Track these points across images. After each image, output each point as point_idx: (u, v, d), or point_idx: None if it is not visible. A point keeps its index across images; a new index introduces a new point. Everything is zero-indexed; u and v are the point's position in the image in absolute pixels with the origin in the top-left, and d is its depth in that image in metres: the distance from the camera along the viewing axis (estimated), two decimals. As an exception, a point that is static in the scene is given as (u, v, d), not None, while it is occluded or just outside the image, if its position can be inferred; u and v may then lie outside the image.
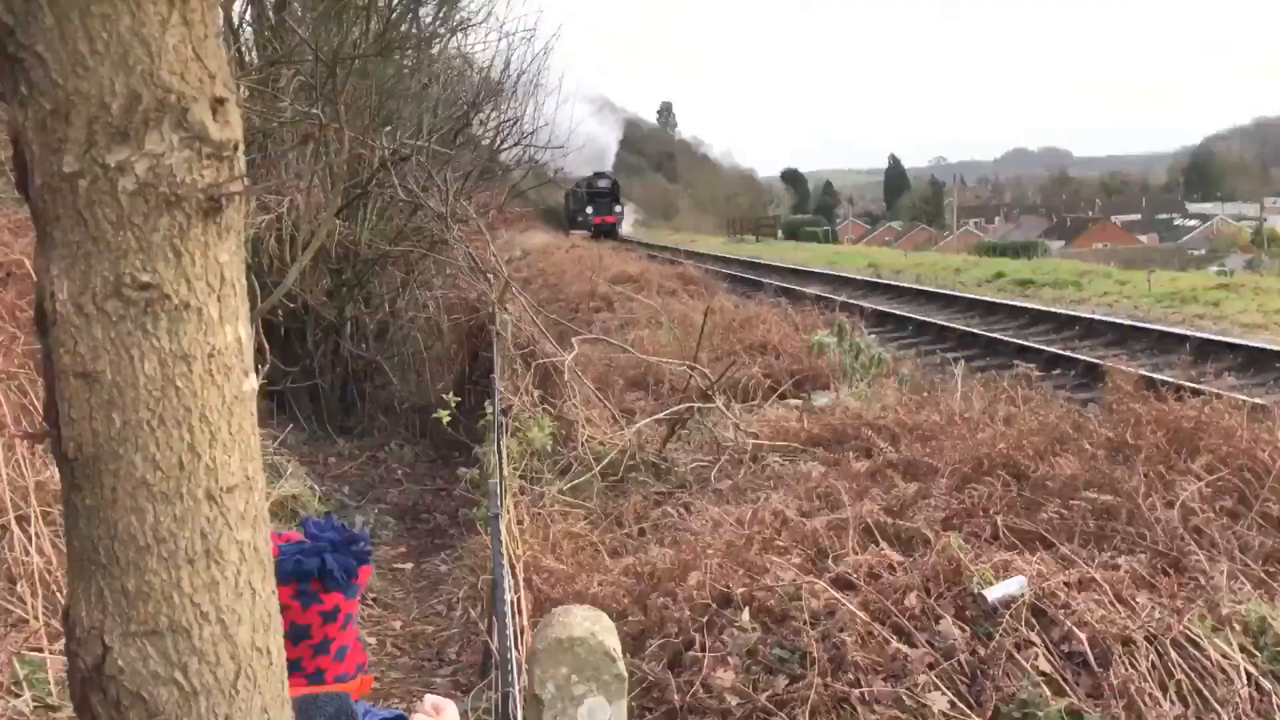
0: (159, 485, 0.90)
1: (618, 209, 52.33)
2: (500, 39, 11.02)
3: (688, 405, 7.56)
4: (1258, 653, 3.56)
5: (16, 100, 0.87)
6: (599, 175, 53.98)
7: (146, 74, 0.85)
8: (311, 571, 1.70)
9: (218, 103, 0.88)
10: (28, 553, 4.20)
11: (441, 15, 11.42)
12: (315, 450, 8.72)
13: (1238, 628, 3.65)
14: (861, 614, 3.84)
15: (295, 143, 7.81)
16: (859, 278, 22.63)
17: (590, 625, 1.29)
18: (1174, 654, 3.54)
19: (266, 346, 6.97)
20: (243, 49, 9.61)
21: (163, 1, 0.84)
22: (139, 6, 0.84)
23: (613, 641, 1.31)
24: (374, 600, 6.05)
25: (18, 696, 3.81)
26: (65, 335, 0.88)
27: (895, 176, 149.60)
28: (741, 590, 4.19)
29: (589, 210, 50.74)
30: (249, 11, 9.73)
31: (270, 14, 9.38)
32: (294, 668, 1.71)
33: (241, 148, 0.91)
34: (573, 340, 8.00)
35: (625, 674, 1.30)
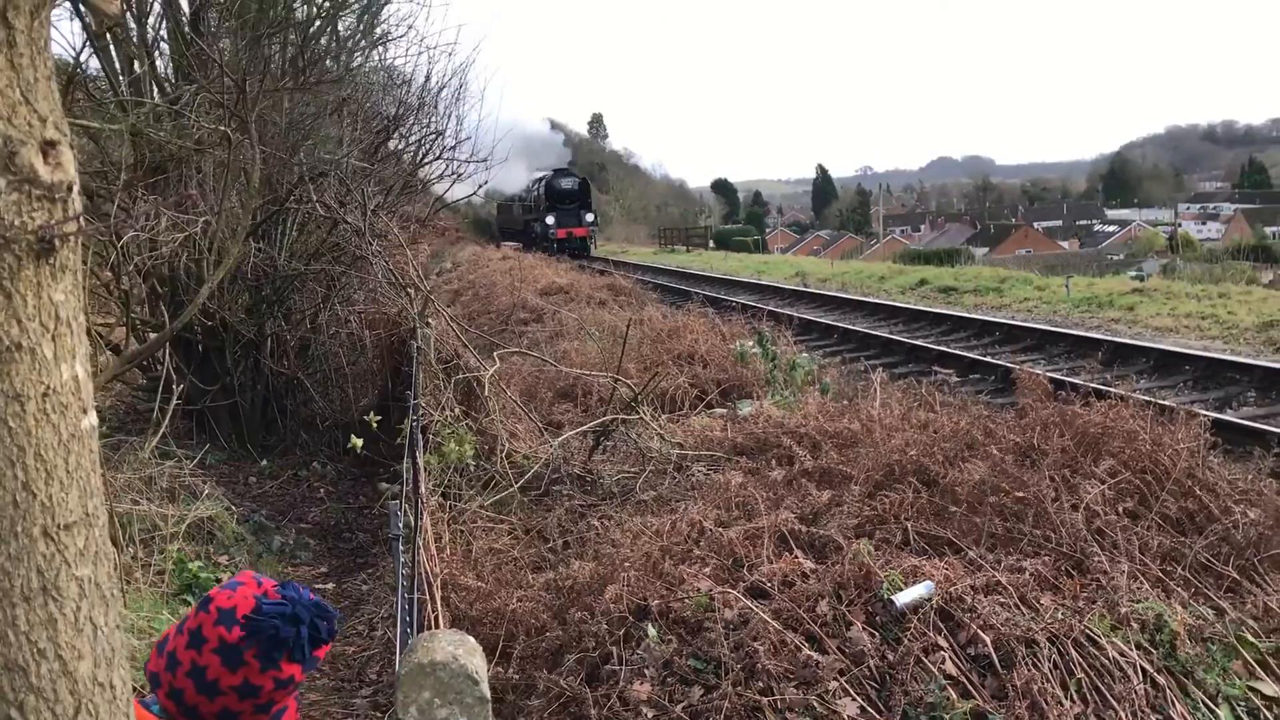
0: (-8, 524, 0.90)
1: (589, 218, 39.90)
2: (421, 53, 10.96)
3: (613, 417, 7.59)
4: (1154, 650, 3.67)
5: None
6: (562, 173, 41.89)
7: (-30, 118, 0.85)
8: (286, 641, 1.71)
9: (48, 145, 0.89)
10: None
11: (362, 29, 11.35)
12: (235, 470, 8.60)
13: (1135, 626, 3.76)
14: (774, 622, 3.89)
15: (209, 162, 7.71)
16: (786, 287, 22.87)
17: (453, 649, 1.31)
18: (1075, 653, 3.64)
19: (173, 366, 6.88)
20: (157, 65, 9.47)
21: (-14, 48, 0.85)
22: (-39, 53, 0.84)
23: (476, 663, 1.33)
24: (294, 621, 5.98)
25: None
26: (-106, 377, 0.88)
27: (823, 186, 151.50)
28: (658, 602, 4.22)
29: (549, 221, 38.14)
30: (164, 26, 9.58)
31: (186, 29, 9.24)
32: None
33: (76, 188, 0.92)
34: (495, 354, 7.98)
35: (488, 695, 1.32)
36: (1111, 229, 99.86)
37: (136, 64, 8.97)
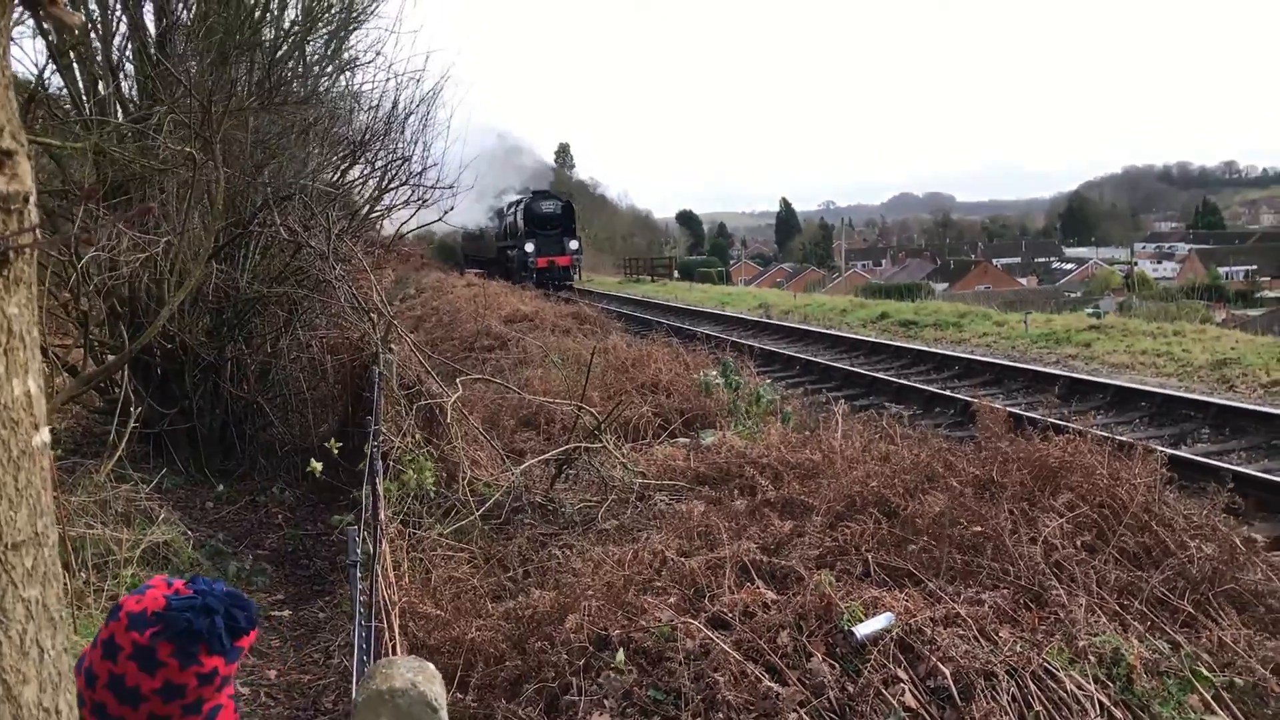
0: (-64, 543, 0.87)
1: (573, 246, 35.25)
2: (389, 79, 10.94)
3: (575, 445, 7.56)
4: (1110, 683, 3.69)
5: None
6: (542, 195, 37.15)
7: (-73, 127, 0.84)
8: (200, 633, 1.67)
9: (4, 155, 0.87)
10: None
11: (329, 53, 11.34)
12: (192, 495, 8.47)
13: (1093, 659, 3.79)
14: (734, 653, 3.87)
15: (173, 182, 7.65)
16: (750, 318, 22.97)
17: (412, 676, 1.29)
18: (1033, 686, 3.65)
19: (131, 388, 6.80)
20: (122, 85, 9.39)
21: (-57, 57, 0.84)
22: (-84, 60, 0.83)
23: (436, 690, 1.31)
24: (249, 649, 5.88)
25: None
26: None
27: (786, 219, 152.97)
28: (619, 632, 4.20)
29: (528, 248, 34.02)
30: (129, 47, 9.52)
31: (152, 50, 9.18)
32: None
33: (33, 200, 0.90)
34: (458, 380, 7.93)
35: (447, 723, 1.30)
36: (1069, 266, 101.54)
37: (101, 85, 8.90)
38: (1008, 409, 8.28)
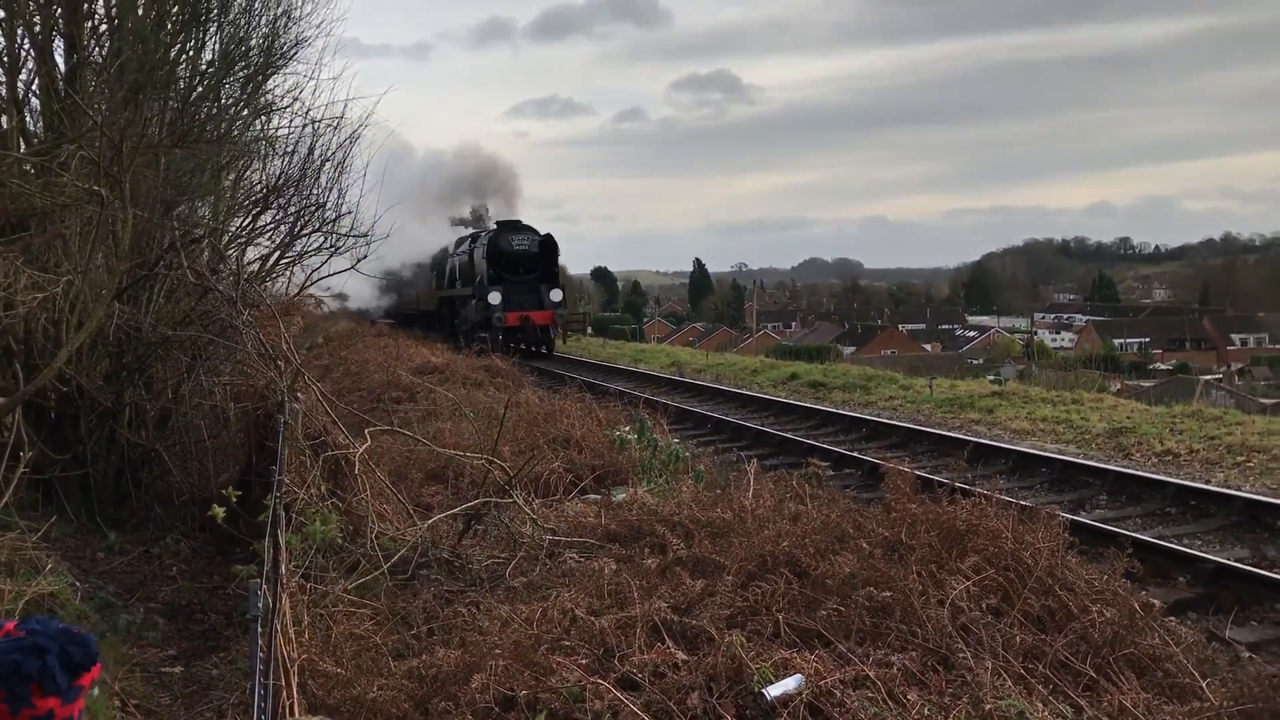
0: None
1: (555, 296, 26.69)
2: (306, 125, 10.80)
3: (485, 500, 7.46)
4: (1016, 747, 3.73)
5: None
6: (510, 227, 27.88)
7: None
8: (30, 674, 1.60)
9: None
10: None
11: (246, 96, 11.20)
12: (82, 544, 8.14)
13: (998, 722, 3.82)
14: (644, 715, 3.83)
15: (77, 219, 7.44)
16: (663, 375, 23.04)
17: (323, 739, 1.24)
18: (940, 750, 3.67)
19: (26, 434, 6.53)
20: (27, 120, 9.15)
21: None
22: None
23: (347, 755, 1.26)
24: (136, 707, 5.63)
25: None
26: None
27: (700, 279, 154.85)
28: (526, 692, 4.12)
29: (493, 299, 25.54)
30: (36, 82, 9.30)
31: (60, 86, 8.97)
32: None
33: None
34: (366, 431, 7.79)
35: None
36: (972, 334, 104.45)
37: (4, 118, 8.66)
38: (915, 472, 8.40)
